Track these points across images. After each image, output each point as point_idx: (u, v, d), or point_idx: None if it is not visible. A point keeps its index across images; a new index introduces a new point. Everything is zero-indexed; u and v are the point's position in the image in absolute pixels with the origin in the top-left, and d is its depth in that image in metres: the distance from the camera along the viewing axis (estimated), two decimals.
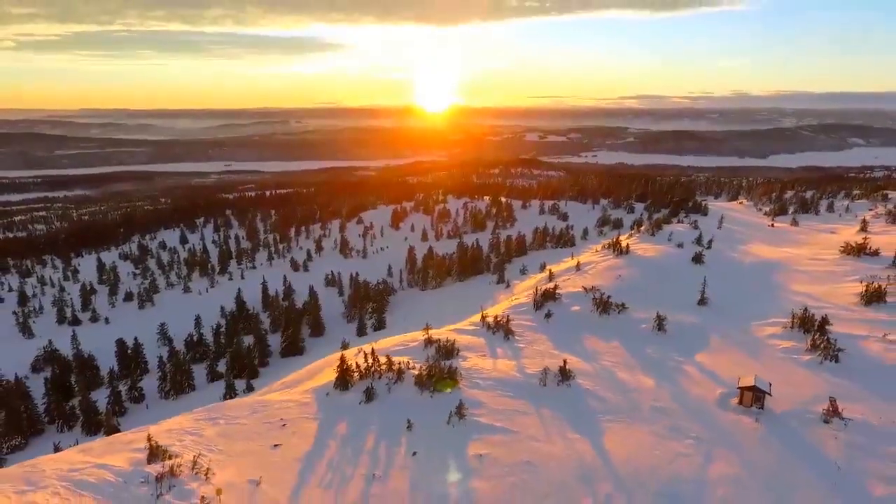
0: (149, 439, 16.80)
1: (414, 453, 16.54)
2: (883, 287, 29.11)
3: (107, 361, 57.62)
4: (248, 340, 60.97)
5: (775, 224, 60.74)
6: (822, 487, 14.67)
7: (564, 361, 21.55)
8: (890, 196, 67.57)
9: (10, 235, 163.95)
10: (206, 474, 15.21)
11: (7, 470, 17.28)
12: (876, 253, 38.69)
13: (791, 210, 68.14)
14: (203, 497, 14.07)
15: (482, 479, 15.13)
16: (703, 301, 30.89)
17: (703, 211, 67.97)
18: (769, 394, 18.81)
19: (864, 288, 29.41)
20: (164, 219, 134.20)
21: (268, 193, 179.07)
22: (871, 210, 61.74)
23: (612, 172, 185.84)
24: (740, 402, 19.14)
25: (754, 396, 18.90)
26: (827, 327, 24.64)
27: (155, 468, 15.46)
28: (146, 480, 14.93)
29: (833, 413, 17.70)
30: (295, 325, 62.32)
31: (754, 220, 64.09)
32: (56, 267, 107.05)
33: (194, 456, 16.00)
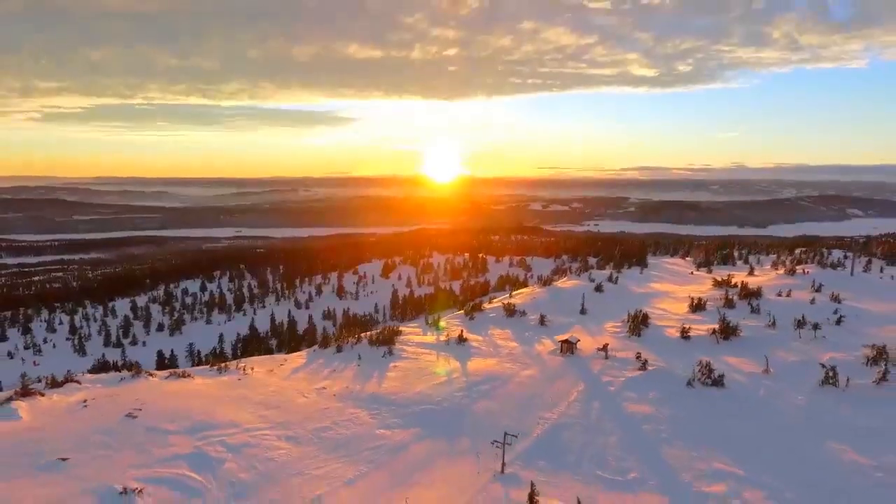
0: (210, 359, 29.91)
1: (358, 365, 29.46)
2: (703, 300, 42.07)
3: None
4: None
5: (695, 272, 73.42)
6: (576, 376, 27.15)
7: (462, 331, 34.51)
8: (795, 251, 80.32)
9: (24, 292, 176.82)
10: (244, 368, 28.19)
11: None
12: (735, 285, 51.43)
13: (715, 262, 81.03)
14: (244, 371, 27.17)
15: (393, 373, 28.00)
16: (583, 311, 43.71)
17: (644, 262, 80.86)
18: (575, 345, 31.57)
19: (691, 301, 42.40)
20: (186, 271, 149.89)
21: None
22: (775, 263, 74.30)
23: (593, 237, 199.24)
24: (560, 351, 31.81)
25: (567, 346, 31.62)
26: (648, 321, 37.33)
27: (216, 368, 28.50)
28: (213, 370, 27.97)
29: (604, 351, 30.42)
30: (295, 344, 75.23)
31: (681, 270, 76.75)
32: (95, 307, 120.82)
33: (236, 363, 29.07)
